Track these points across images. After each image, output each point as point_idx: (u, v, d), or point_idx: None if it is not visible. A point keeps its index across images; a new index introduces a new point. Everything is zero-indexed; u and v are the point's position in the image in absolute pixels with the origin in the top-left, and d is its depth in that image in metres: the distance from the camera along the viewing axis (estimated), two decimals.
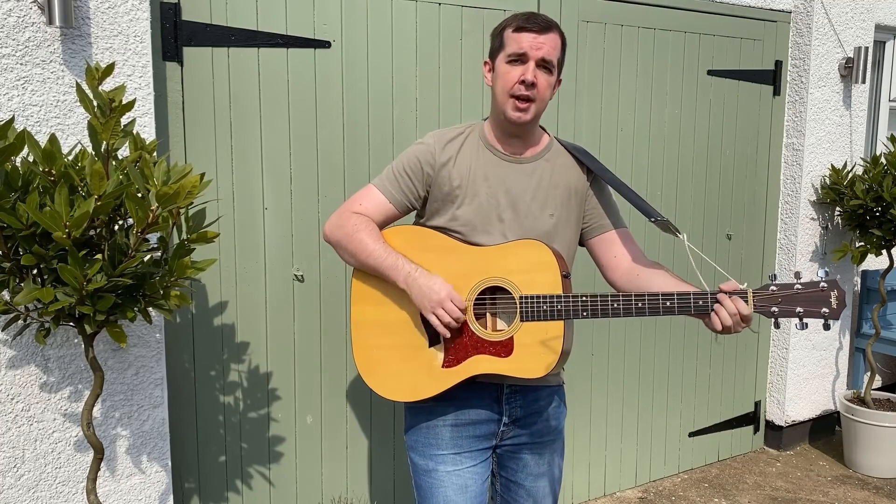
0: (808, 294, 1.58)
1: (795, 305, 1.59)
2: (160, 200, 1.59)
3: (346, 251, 1.81)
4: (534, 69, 1.69)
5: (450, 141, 1.83)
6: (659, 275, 1.77)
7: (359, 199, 1.85)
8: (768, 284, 1.60)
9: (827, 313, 1.58)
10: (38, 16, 2.00)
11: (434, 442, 1.83)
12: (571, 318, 1.67)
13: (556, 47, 1.72)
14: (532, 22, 1.70)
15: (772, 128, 3.71)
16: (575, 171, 1.87)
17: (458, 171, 1.79)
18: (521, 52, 1.69)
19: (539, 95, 1.72)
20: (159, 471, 2.32)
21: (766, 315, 1.60)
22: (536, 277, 1.69)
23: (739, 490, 3.48)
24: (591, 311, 1.66)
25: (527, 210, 1.79)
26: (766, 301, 1.59)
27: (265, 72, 2.47)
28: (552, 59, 1.71)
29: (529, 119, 1.74)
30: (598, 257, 1.90)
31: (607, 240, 1.88)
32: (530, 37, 1.69)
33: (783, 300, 1.59)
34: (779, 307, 1.59)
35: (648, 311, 1.63)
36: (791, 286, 1.59)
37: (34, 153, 1.60)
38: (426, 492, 1.85)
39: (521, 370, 1.70)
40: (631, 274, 1.82)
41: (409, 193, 1.83)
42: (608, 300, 1.64)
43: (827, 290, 1.58)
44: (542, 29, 1.69)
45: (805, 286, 1.58)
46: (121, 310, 1.70)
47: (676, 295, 1.61)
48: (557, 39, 1.73)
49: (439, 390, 1.75)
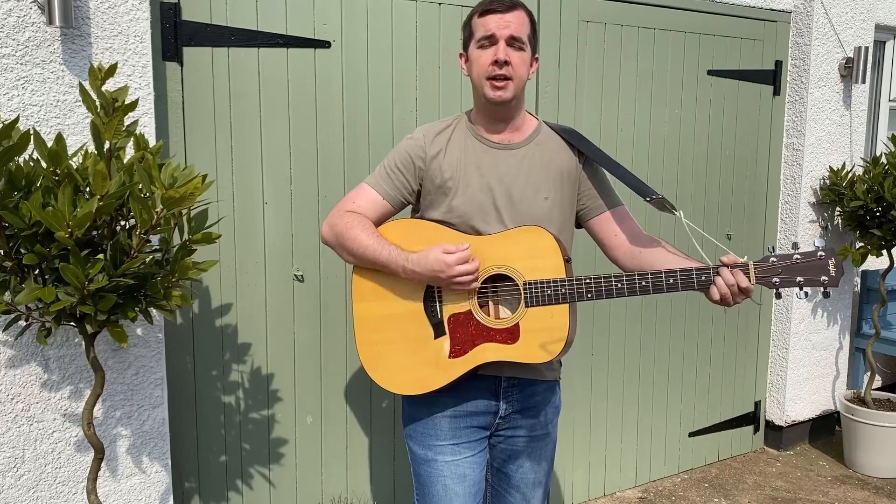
0: (806, 263, 1.62)
1: (795, 275, 1.62)
2: (165, 203, 1.59)
3: (342, 249, 1.82)
4: (504, 48, 1.70)
5: (438, 133, 1.84)
6: (661, 251, 1.79)
7: (353, 197, 1.86)
8: (768, 256, 1.64)
9: (826, 281, 1.62)
10: (38, 16, 2.00)
11: (433, 432, 1.85)
12: (576, 300, 1.68)
13: (524, 23, 1.74)
14: (496, 3, 1.72)
15: (772, 128, 3.71)
16: (566, 153, 1.87)
17: (449, 163, 1.80)
18: (489, 34, 1.71)
19: (515, 73, 1.72)
20: (159, 471, 2.32)
21: (768, 286, 1.63)
22: (539, 263, 1.70)
23: (739, 490, 3.48)
24: (596, 292, 1.67)
25: (521, 195, 1.79)
26: (767, 272, 1.63)
27: (265, 72, 2.47)
28: (521, 35, 1.72)
29: (510, 97, 1.74)
30: (599, 237, 1.91)
31: (605, 219, 1.89)
32: (496, 17, 1.71)
33: (783, 270, 1.62)
34: (779, 277, 1.63)
35: (652, 289, 1.65)
36: (790, 256, 1.63)
37: (40, 153, 1.60)
38: (425, 480, 1.87)
39: (528, 356, 1.71)
40: (633, 251, 1.83)
41: (403, 188, 1.84)
42: (612, 281, 1.66)
43: (825, 258, 1.62)
44: (506, 8, 1.71)
45: (804, 256, 1.62)
46: (122, 310, 1.70)
47: (679, 272, 1.64)
48: (524, 16, 1.74)
49: (448, 381, 1.75)
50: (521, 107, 1.84)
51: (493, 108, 1.78)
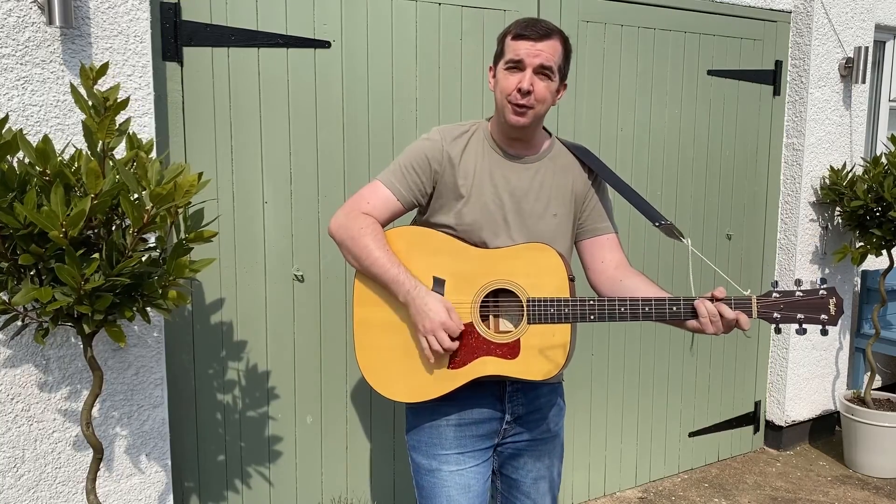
0: (808, 301, 1.65)
1: (796, 312, 1.65)
2: (154, 200, 1.59)
3: (349, 252, 1.80)
4: (530, 76, 1.69)
5: (456, 138, 1.83)
6: (642, 284, 1.80)
7: (366, 196, 1.82)
8: (770, 291, 1.66)
9: (826, 320, 1.65)
10: (38, 16, 2.00)
11: (437, 442, 1.84)
12: (579, 321, 1.69)
13: (557, 53, 1.72)
14: (531, 30, 1.70)
15: (772, 128, 3.71)
16: (577, 170, 1.88)
17: (465, 169, 1.79)
18: (518, 60, 1.70)
19: (537, 101, 1.72)
20: (159, 471, 2.32)
21: (769, 321, 1.66)
22: (543, 281, 1.70)
23: (739, 490, 3.48)
24: (599, 314, 1.68)
25: (530, 210, 1.80)
26: (769, 307, 1.65)
27: (265, 72, 2.47)
28: (551, 64, 1.71)
29: (528, 123, 1.74)
30: (586, 258, 1.91)
31: (599, 243, 1.89)
32: (528, 45, 1.69)
33: (785, 307, 1.65)
34: (780, 313, 1.65)
35: (655, 315, 1.67)
36: (792, 293, 1.66)
37: (27, 153, 1.60)
38: (429, 492, 1.85)
39: (528, 372, 1.71)
40: (614, 279, 1.84)
41: (417, 190, 1.81)
42: (615, 304, 1.67)
43: (826, 297, 1.65)
44: (540, 36, 1.69)
45: (805, 293, 1.65)
46: (119, 309, 1.70)
47: (682, 300, 1.65)
48: (558, 46, 1.72)
49: (445, 391, 1.75)
50: (539, 128, 1.85)
51: (510, 129, 1.78)
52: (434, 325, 1.67)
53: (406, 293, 1.71)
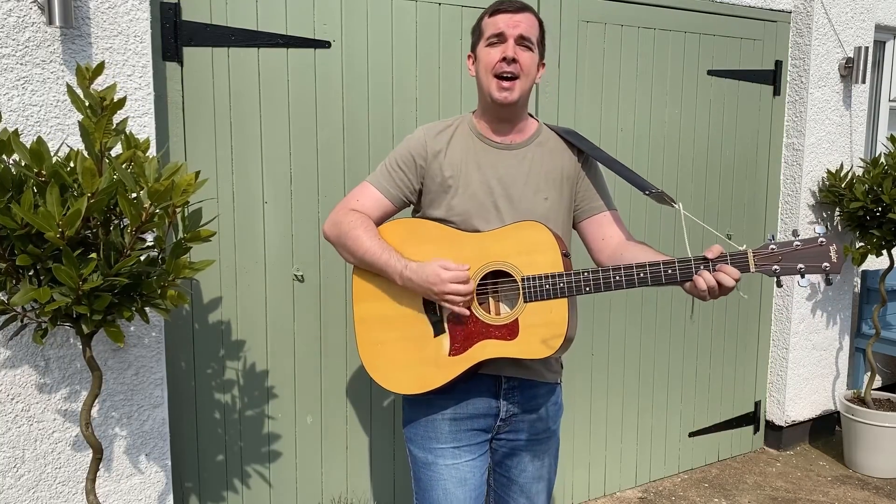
0: (807, 250, 1.59)
1: (796, 262, 1.60)
2: (152, 198, 1.58)
3: (343, 248, 1.82)
4: (514, 46, 1.72)
5: (440, 132, 1.84)
6: (642, 251, 1.78)
7: (356, 195, 1.87)
8: (767, 244, 1.62)
9: (828, 267, 1.59)
10: (38, 16, 2.00)
11: (433, 435, 1.84)
12: (574, 294, 1.68)
13: (534, 25, 1.76)
14: (506, 4, 1.74)
15: (772, 128, 3.71)
16: (566, 153, 1.88)
17: (450, 162, 1.81)
18: (499, 32, 1.73)
19: (523, 72, 1.73)
20: (159, 471, 2.32)
21: (768, 274, 1.61)
22: (537, 258, 1.70)
23: (739, 490, 3.48)
24: (594, 285, 1.66)
25: (520, 195, 1.80)
26: (766, 260, 1.60)
27: (265, 72, 2.47)
28: (531, 35, 1.73)
29: (515, 98, 1.75)
30: (588, 238, 1.92)
31: (597, 221, 1.89)
32: (506, 17, 1.73)
33: (784, 258, 1.60)
34: (780, 265, 1.60)
35: (651, 280, 1.64)
36: (790, 243, 1.61)
37: (21, 154, 1.60)
38: (426, 484, 1.87)
39: (528, 352, 1.71)
40: (616, 253, 1.84)
41: (404, 187, 1.84)
42: (609, 273, 1.66)
43: (826, 244, 1.60)
44: (517, 9, 1.74)
45: (804, 242, 1.60)
46: (118, 309, 1.70)
47: (677, 261, 1.62)
48: (534, 19, 1.76)
49: (448, 379, 1.75)
50: (525, 108, 1.85)
51: (498, 108, 1.78)
52: (441, 283, 1.67)
53: (399, 274, 1.72)
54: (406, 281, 1.72)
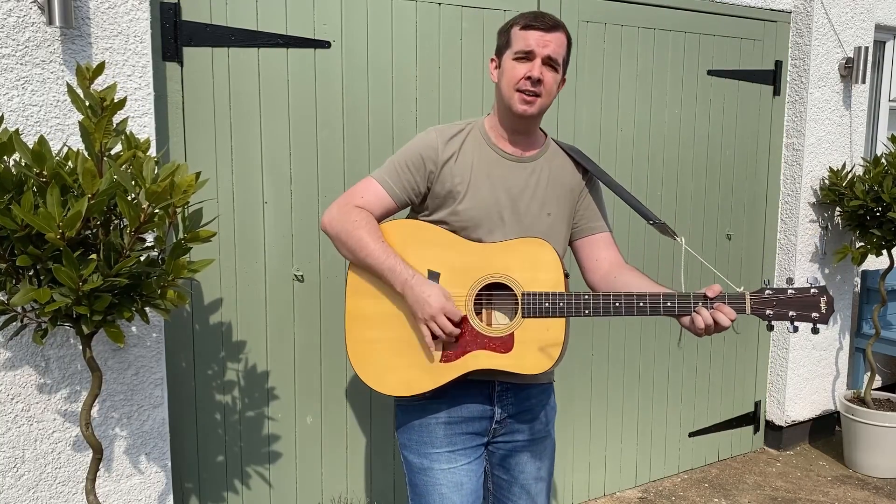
0: (799, 299, 1.69)
1: (788, 309, 1.69)
2: (150, 198, 1.58)
3: (344, 246, 1.79)
4: (540, 66, 1.72)
5: (452, 137, 1.83)
6: (636, 277, 1.81)
7: (360, 191, 1.83)
8: (763, 288, 1.70)
9: (817, 318, 1.69)
10: (38, 16, 2.00)
11: (428, 440, 1.84)
12: (573, 315, 1.70)
13: (562, 46, 1.76)
14: (539, 21, 1.73)
15: (772, 128, 3.71)
16: (571, 170, 1.90)
17: (461, 169, 1.80)
18: (528, 50, 1.72)
19: (545, 91, 1.74)
20: (159, 471, 2.32)
21: (762, 317, 1.69)
22: (539, 275, 1.71)
23: (739, 490, 3.48)
24: (594, 309, 1.69)
25: (526, 209, 1.80)
26: (762, 304, 1.69)
27: (265, 72, 2.47)
28: (558, 57, 1.74)
29: (535, 112, 1.75)
30: (581, 257, 1.93)
31: (592, 242, 1.91)
32: (537, 35, 1.72)
33: (777, 304, 1.69)
34: (773, 310, 1.69)
35: (650, 310, 1.69)
36: (784, 291, 1.69)
37: (23, 154, 1.60)
38: (421, 490, 1.86)
39: (520, 367, 1.71)
40: (609, 277, 1.86)
41: (410, 189, 1.82)
42: (610, 299, 1.69)
43: (817, 295, 1.69)
44: (549, 28, 1.73)
45: (797, 291, 1.69)
46: (118, 310, 1.70)
47: (677, 295, 1.67)
48: (563, 39, 1.76)
49: (436, 385, 1.75)
50: (539, 121, 1.86)
51: (516, 120, 1.79)
52: (434, 311, 1.67)
53: (403, 282, 1.71)
54: (406, 290, 1.71)
